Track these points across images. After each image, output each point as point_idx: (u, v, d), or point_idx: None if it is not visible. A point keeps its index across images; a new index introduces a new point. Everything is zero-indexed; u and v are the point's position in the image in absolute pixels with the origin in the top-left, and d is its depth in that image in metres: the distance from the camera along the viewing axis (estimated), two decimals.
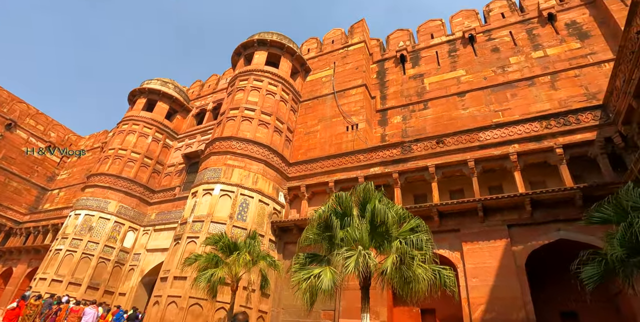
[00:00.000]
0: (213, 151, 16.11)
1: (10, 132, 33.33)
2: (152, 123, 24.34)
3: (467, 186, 13.50)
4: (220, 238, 11.31)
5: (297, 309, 13.79)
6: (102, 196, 21.22)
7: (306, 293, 6.93)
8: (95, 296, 18.59)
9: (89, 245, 19.68)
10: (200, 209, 14.55)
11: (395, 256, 6.85)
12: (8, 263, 28.46)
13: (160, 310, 12.74)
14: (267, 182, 15.69)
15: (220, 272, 10.17)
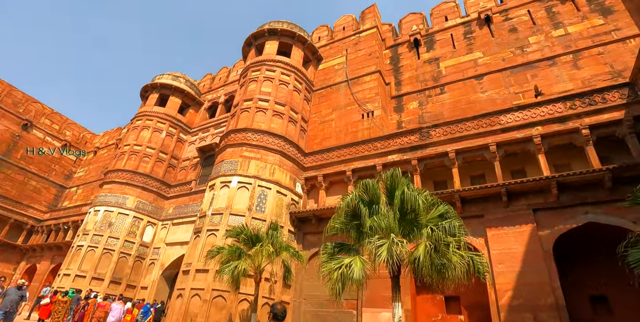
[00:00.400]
0: (228, 143, 16.01)
1: (27, 132, 33.79)
2: (165, 118, 24.39)
3: (488, 170, 13.19)
4: (242, 230, 11.25)
5: (319, 299, 13.77)
6: (120, 192, 21.41)
7: (338, 283, 6.78)
8: (118, 290, 18.88)
9: (109, 240, 19.95)
10: (219, 201, 14.52)
11: (429, 243, 6.66)
12: (32, 260, 29.13)
13: (183, 303, 12.82)
14: (284, 172, 15.57)
15: (243, 264, 10.12)
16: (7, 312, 8.07)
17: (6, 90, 33.12)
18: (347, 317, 13.00)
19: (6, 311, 8.08)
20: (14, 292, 8.35)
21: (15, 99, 33.67)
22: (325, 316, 13.40)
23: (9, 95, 33.25)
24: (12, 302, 8.15)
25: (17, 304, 8.34)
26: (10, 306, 8.11)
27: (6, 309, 8.07)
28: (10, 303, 8.13)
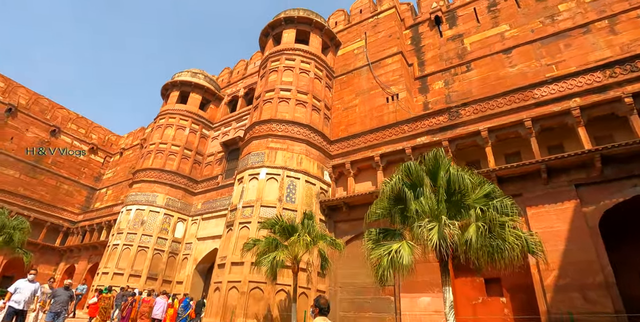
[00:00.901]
0: (254, 135, 15.91)
1: (55, 137, 34.71)
2: (187, 115, 24.57)
3: (523, 148, 12.66)
4: (276, 221, 11.16)
5: (355, 287, 13.65)
6: (150, 190, 21.75)
7: (388, 269, 6.55)
8: (154, 285, 19.27)
9: (143, 238, 20.35)
10: (249, 194, 14.48)
11: (481, 224, 6.34)
12: (70, 261, 30.12)
13: (221, 296, 12.92)
14: (311, 162, 15.40)
15: (281, 254, 10.04)
16: (58, 313, 8.19)
17: (33, 99, 34.03)
18: (385, 304, 12.85)
19: (57, 312, 8.20)
20: (62, 293, 8.46)
21: (42, 107, 34.58)
22: (362, 303, 13.28)
23: (36, 103, 34.17)
24: (62, 303, 8.27)
25: (67, 304, 8.45)
26: (61, 307, 8.23)
27: (57, 310, 8.19)
28: (60, 304, 8.24)
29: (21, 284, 7.66)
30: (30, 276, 7.93)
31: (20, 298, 7.51)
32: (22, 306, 7.47)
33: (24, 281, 7.76)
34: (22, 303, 7.47)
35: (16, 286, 7.62)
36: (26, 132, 32.83)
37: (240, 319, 12.02)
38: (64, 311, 8.30)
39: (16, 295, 7.53)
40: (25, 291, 7.60)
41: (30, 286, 7.77)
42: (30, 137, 32.93)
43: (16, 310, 7.44)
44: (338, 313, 13.53)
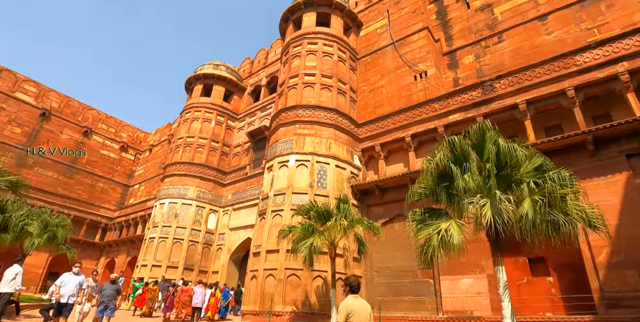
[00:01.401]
0: (281, 123, 15.70)
1: (87, 138, 35.77)
2: (212, 107, 24.69)
3: (565, 120, 11.89)
4: (311, 207, 10.95)
5: (392, 271, 13.37)
6: (181, 184, 22.07)
7: (438, 249, 6.19)
8: (191, 276, 19.70)
9: (177, 230, 20.75)
10: (279, 182, 14.34)
11: (538, 197, 5.87)
12: (110, 255, 31.22)
13: (258, 284, 12.92)
14: (340, 146, 15.08)
15: (317, 240, 9.82)
16: (106, 307, 8.24)
17: (64, 102, 35.07)
18: (424, 287, 12.51)
19: (105, 306, 8.24)
20: (109, 286, 8.49)
21: (73, 109, 35.62)
22: (400, 287, 12.99)
23: (68, 106, 35.22)
24: (109, 297, 8.30)
25: (115, 298, 8.47)
26: (108, 301, 8.27)
27: (104, 305, 8.24)
28: (108, 298, 8.28)
29: (66, 278, 7.67)
30: (75, 269, 7.95)
31: (65, 291, 7.50)
32: (67, 299, 7.48)
33: (68, 274, 7.76)
34: (66, 296, 7.46)
35: (62, 279, 7.63)
36: (60, 135, 33.94)
37: (278, 306, 12.00)
38: (111, 304, 8.35)
39: (62, 288, 7.54)
40: (70, 284, 7.59)
41: (75, 278, 7.77)
42: (65, 139, 34.02)
43: (60, 303, 7.46)
44: (376, 298, 13.31)
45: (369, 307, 3.76)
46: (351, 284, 3.77)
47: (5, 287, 8.50)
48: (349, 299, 3.63)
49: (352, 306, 3.56)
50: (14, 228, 12.57)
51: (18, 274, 8.73)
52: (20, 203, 13.79)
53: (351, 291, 3.74)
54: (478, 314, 10.98)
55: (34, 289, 26.90)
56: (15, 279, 8.66)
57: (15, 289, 8.69)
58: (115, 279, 8.86)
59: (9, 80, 31.85)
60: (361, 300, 3.68)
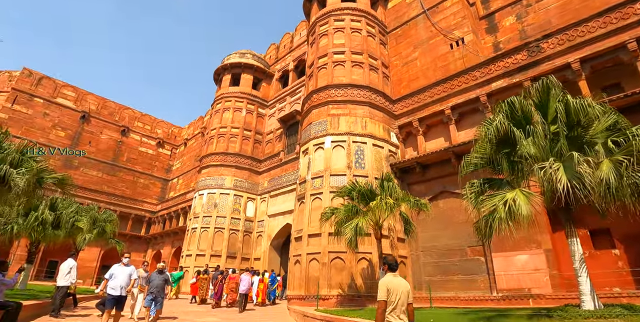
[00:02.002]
0: (313, 105, 15.28)
1: (126, 137, 36.93)
2: (241, 96, 24.63)
3: (625, 77, 10.78)
4: (353, 187, 10.51)
5: (438, 250, 12.82)
6: (217, 174, 22.28)
7: (506, 222, 5.57)
8: (234, 263, 19.94)
9: (218, 220, 21.02)
10: (316, 165, 14.00)
11: (622, 157, 5.13)
12: (156, 247, 32.36)
13: (302, 268, 12.74)
14: (375, 124, 14.50)
15: (362, 221, 9.38)
16: (155, 298, 7.94)
17: (101, 104, 36.26)
18: (474, 265, 11.90)
19: (154, 297, 7.93)
20: (156, 277, 8.14)
21: (110, 110, 36.78)
22: (448, 266, 12.43)
23: (105, 107, 36.40)
24: (157, 288, 7.97)
25: (163, 289, 8.13)
26: (157, 292, 7.94)
27: (152, 296, 7.92)
28: (156, 288, 7.95)
29: (116, 270, 7.31)
30: (125, 259, 7.57)
31: (117, 284, 7.12)
32: (119, 291, 7.08)
33: (118, 266, 7.41)
34: (118, 289, 7.09)
35: (111, 272, 7.23)
36: (101, 135, 35.20)
37: (324, 289, 11.78)
38: (160, 295, 8.02)
39: (112, 281, 7.14)
40: (121, 276, 7.22)
41: (125, 270, 7.39)
42: (105, 139, 35.27)
43: (114, 297, 7.05)
44: (423, 278, 12.86)
45: (408, 285, 3.78)
46: (389, 263, 3.86)
47: (62, 281, 8.67)
48: (387, 277, 3.72)
49: (391, 284, 3.62)
50: (65, 224, 13.03)
51: (72, 267, 8.87)
52: (69, 201, 14.24)
53: (390, 269, 3.83)
54: (537, 292, 10.30)
55: (89, 281, 28.29)
56: (71, 273, 8.80)
57: (71, 283, 8.81)
58: (162, 268, 8.50)
59: (49, 87, 33.27)
60: (400, 278, 3.75)
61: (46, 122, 32.00)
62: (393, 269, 3.85)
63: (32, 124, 31.21)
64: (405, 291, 3.64)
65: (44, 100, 32.46)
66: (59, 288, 8.64)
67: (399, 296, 3.57)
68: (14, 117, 30.33)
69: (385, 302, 3.54)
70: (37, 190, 9.39)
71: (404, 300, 3.60)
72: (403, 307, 3.59)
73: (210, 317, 10.26)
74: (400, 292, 3.59)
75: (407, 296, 3.65)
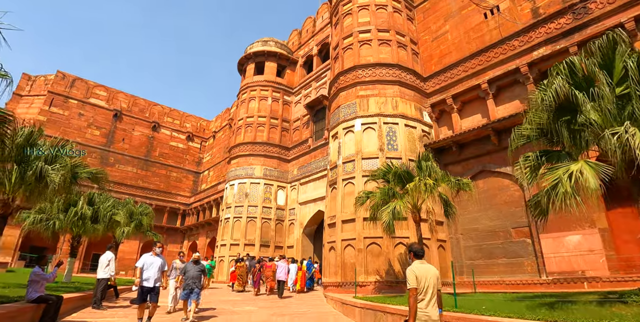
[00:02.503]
0: (340, 87, 14.74)
1: (156, 132, 37.71)
2: (266, 84, 24.37)
3: None
4: (387, 169, 9.96)
5: (479, 232, 12.17)
6: (247, 164, 22.26)
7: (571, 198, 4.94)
8: (268, 252, 20.01)
9: (249, 209, 21.05)
10: (347, 149, 13.55)
11: None
12: (191, 238, 33.09)
13: (337, 255, 12.43)
14: (407, 103, 13.84)
15: (399, 203, 8.88)
16: (191, 290, 7.37)
17: (131, 101, 37.14)
18: (520, 247, 11.19)
19: (190, 289, 7.37)
20: (192, 267, 7.62)
21: (140, 106, 37.62)
22: (491, 249, 11.78)
23: (135, 105, 37.28)
24: (193, 279, 7.44)
25: (200, 279, 7.55)
26: (193, 283, 7.39)
27: (189, 288, 7.38)
28: (192, 280, 7.42)
29: (148, 259, 6.77)
30: (157, 249, 6.98)
31: (150, 274, 6.62)
32: (152, 283, 6.59)
33: (149, 256, 6.85)
34: (152, 280, 6.60)
35: (143, 261, 6.71)
36: (133, 132, 36.09)
37: (361, 276, 11.43)
38: (196, 287, 7.42)
39: (145, 272, 6.64)
40: (154, 267, 6.71)
41: (157, 260, 6.85)
42: (137, 136, 36.15)
43: (147, 288, 6.55)
44: (464, 262, 12.28)
45: (437, 271, 3.78)
46: (415, 250, 3.87)
47: (101, 273, 8.71)
48: (415, 265, 3.73)
49: (419, 270, 3.63)
50: (103, 218, 13.24)
51: (111, 260, 8.86)
52: (106, 196, 14.49)
53: (416, 256, 3.84)
54: (592, 274, 9.56)
55: (131, 273, 29.27)
56: (109, 265, 8.79)
57: (110, 275, 8.81)
58: (197, 258, 7.99)
59: (82, 88, 34.38)
60: (427, 265, 3.76)
61: (81, 122, 33.12)
62: (419, 256, 3.84)
63: (68, 124, 32.34)
64: (434, 278, 3.64)
65: (78, 101, 33.59)
66: (99, 280, 8.69)
67: (428, 283, 3.58)
68: (52, 119, 31.53)
69: (416, 289, 3.53)
70: (73, 185, 9.46)
71: (433, 286, 3.61)
72: (433, 294, 3.59)
73: (248, 306, 10.15)
74: (429, 278, 3.60)
75: (437, 283, 3.65)
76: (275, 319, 8.05)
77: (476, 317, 5.02)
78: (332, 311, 9.63)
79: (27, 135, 8.34)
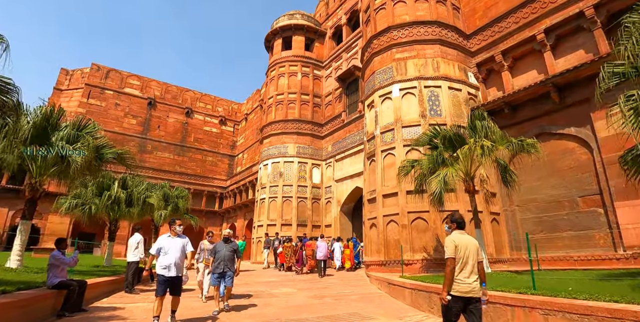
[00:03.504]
0: (374, 52, 13.48)
1: (190, 118, 37.90)
2: (294, 59, 23.33)
3: None
4: (435, 133, 8.80)
5: (538, 203, 10.83)
6: (279, 142, 21.59)
7: None
8: (305, 231, 19.46)
9: (284, 189, 20.47)
10: (385, 117, 12.42)
11: None
12: (230, 220, 33.31)
13: (379, 232, 11.53)
14: (449, 64, 12.44)
15: (451, 171, 7.76)
16: (222, 273, 6.26)
17: (164, 89, 37.39)
18: (589, 219, 9.78)
19: (220, 272, 6.25)
20: (222, 247, 6.40)
21: (173, 93, 37.83)
22: (554, 221, 10.42)
23: (167, 92, 37.53)
24: (225, 261, 6.26)
25: (232, 261, 6.38)
26: (224, 266, 6.24)
27: (220, 270, 6.23)
28: (222, 262, 6.25)
29: (164, 242, 5.32)
30: (178, 228, 5.52)
31: (168, 261, 5.18)
32: (172, 271, 5.17)
33: (167, 237, 5.42)
34: (173, 268, 5.18)
35: (159, 246, 5.30)
36: (167, 119, 36.46)
37: (407, 253, 10.49)
38: (229, 270, 6.28)
39: (162, 258, 5.22)
40: (173, 251, 5.26)
41: (177, 242, 5.39)
42: (172, 122, 36.51)
43: (167, 278, 5.14)
44: (522, 237, 11.02)
45: (477, 242, 3.62)
46: (458, 220, 3.73)
47: (130, 256, 8.37)
48: (455, 235, 3.60)
49: (459, 241, 3.49)
50: (137, 202, 12.94)
51: (139, 242, 8.49)
52: (139, 179, 14.27)
53: (458, 227, 3.71)
54: None
55: None
56: (138, 248, 8.42)
57: (140, 257, 8.46)
58: (228, 235, 6.66)
59: (116, 78, 34.98)
60: (468, 236, 3.62)
61: (118, 111, 33.83)
62: (461, 226, 3.70)
63: (106, 115, 33.12)
64: (474, 249, 3.49)
65: (114, 91, 34.24)
66: (129, 264, 8.35)
67: (468, 254, 3.43)
68: (90, 111, 32.39)
69: (454, 259, 3.39)
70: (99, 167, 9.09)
71: (473, 258, 3.45)
72: (473, 266, 3.42)
73: (287, 288, 9.55)
74: (469, 250, 3.45)
75: (477, 254, 3.48)
76: (315, 302, 7.33)
77: (569, 303, 3.98)
78: (377, 292, 8.83)
79: (45, 115, 7.93)
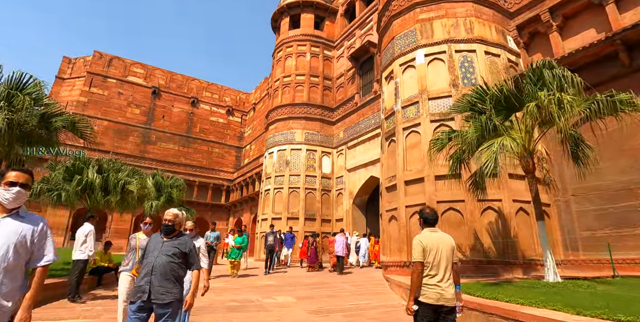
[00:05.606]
0: (393, 14, 11.40)
1: (196, 107, 36.43)
2: (303, 39, 21.33)
3: None
4: (482, 93, 6.58)
5: (601, 192, 8.64)
6: (286, 128, 19.69)
7: None
8: (314, 226, 17.67)
9: (291, 179, 18.58)
10: (407, 89, 10.37)
11: None
12: (236, 214, 31.61)
13: (401, 226, 9.52)
14: (485, 25, 10.31)
15: (507, 140, 5.64)
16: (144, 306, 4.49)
17: (169, 77, 36.00)
18: None
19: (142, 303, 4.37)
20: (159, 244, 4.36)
21: (178, 82, 36.43)
22: (625, 215, 8.16)
23: (172, 81, 36.14)
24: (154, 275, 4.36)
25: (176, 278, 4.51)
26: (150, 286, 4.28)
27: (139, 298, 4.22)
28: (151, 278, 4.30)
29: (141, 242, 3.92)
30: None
31: None
32: None
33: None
34: None
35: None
36: (172, 108, 35.07)
37: None
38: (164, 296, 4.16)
39: None
40: None
41: None
42: (177, 112, 35.09)
43: None
44: (578, 233, 8.92)
45: (452, 240, 3.04)
46: (425, 216, 3.18)
47: (76, 253, 6.24)
48: (424, 233, 3.10)
49: (427, 241, 2.96)
50: (114, 188, 11.00)
51: (89, 234, 6.36)
52: (119, 163, 12.46)
53: (426, 223, 3.16)
54: None
55: None
56: (87, 242, 6.29)
57: (89, 255, 6.31)
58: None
59: (119, 66, 33.69)
60: (441, 233, 3.08)
61: (121, 101, 32.58)
62: (429, 222, 3.14)
63: (109, 104, 31.95)
64: (448, 248, 2.97)
65: (117, 80, 32.98)
66: (75, 263, 6.19)
67: (440, 256, 2.91)
68: (92, 100, 31.38)
69: (422, 263, 2.88)
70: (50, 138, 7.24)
71: (446, 260, 2.91)
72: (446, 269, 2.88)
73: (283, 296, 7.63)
74: (441, 250, 2.93)
75: (452, 254, 2.96)
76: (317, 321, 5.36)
77: None
78: (402, 303, 6.78)
79: None
